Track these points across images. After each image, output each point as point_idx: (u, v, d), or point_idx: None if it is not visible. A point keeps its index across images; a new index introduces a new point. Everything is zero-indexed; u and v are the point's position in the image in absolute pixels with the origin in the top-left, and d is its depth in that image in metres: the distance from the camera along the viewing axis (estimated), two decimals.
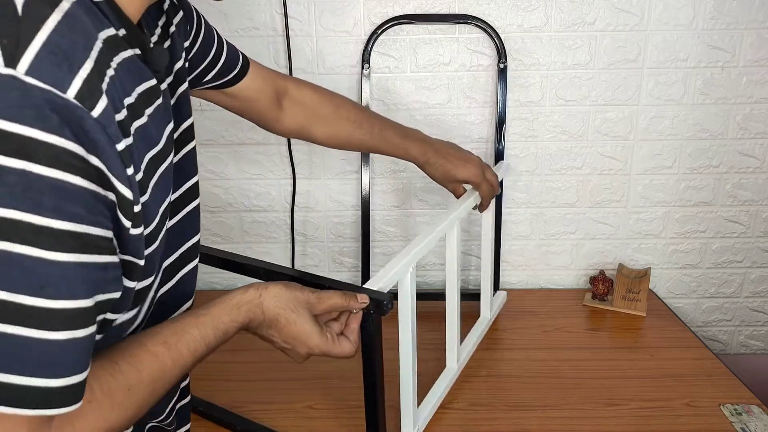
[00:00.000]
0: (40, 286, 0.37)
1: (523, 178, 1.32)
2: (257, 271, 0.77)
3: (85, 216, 0.39)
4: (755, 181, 1.31)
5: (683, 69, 1.24)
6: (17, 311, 0.36)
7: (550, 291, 1.36)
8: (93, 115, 0.38)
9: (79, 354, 0.40)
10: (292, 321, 0.62)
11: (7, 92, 0.34)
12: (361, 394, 0.75)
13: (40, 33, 0.36)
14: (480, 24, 1.20)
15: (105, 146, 0.39)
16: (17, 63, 0.35)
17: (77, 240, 0.38)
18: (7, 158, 0.35)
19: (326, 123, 0.92)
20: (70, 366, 0.40)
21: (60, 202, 0.37)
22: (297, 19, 1.22)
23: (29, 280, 0.37)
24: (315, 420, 0.93)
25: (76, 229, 0.38)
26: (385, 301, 0.67)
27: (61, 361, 0.39)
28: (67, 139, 0.37)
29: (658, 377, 1.03)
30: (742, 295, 1.40)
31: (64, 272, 0.38)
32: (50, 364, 0.38)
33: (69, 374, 0.40)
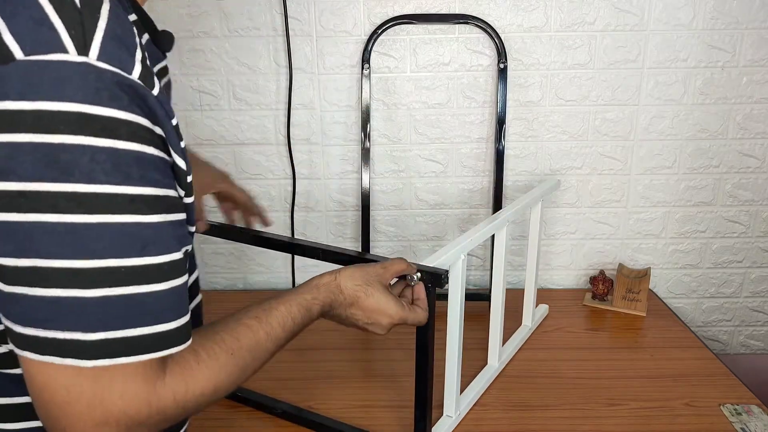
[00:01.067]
0: (142, 246, 0.42)
1: (522, 178, 1.32)
2: (315, 252, 0.84)
3: (162, 180, 0.44)
4: (755, 181, 1.31)
5: (683, 69, 1.24)
6: (128, 273, 0.41)
7: (550, 291, 1.36)
8: (153, 93, 0.42)
9: (182, 298, 0.46)
10: (370, 294, 0.67)
11: (85, 78, 0.38)
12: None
13: (100, 21, 0.39)
14: (480, 24, 1.20)
15: (164, 120, 0.43)
16: (89, 50, 0.38)
17: (162, 202, 0.43)
18: (95, 138, 0.38)
19: None
20: (176, 310, 0.45)
21: (143, 171, 0.41)
22: (297, 19, 1.22)
23: (133, 244, 0.41)
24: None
25: (159, 192, 0.43)
26: (443, 275, 0.73)
27: (169, 307, 0.44)
28: (138, 115, 0.41)
29: (658, 377, 1.03)
30: (742, 295, 1.40)
31: (158, 231, 0.43)
32: (162, 311, 0.44)
33: (177, 317, 0.45)
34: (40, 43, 0.37)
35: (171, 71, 1.33)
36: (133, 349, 0.42)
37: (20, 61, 0.36)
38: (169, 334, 0.44)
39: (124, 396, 0.43)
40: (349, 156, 1.30)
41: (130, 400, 0.43)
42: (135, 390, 0.43)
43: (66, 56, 0.37)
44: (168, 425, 0.48)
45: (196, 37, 1.23)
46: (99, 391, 0.42)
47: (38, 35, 0.37)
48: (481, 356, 1.05)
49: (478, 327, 1.14)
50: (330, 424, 0.90)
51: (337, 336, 1.17)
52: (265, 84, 1.26)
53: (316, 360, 1.09)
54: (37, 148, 0.37)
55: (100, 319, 0.40)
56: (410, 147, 1.30)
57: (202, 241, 1.37)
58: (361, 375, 1.05)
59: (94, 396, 0.41)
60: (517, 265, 1.39)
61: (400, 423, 0.90)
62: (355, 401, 0.95)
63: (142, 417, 0.44)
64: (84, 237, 0.39)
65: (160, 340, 0.44)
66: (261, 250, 1.38)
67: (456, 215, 1.35)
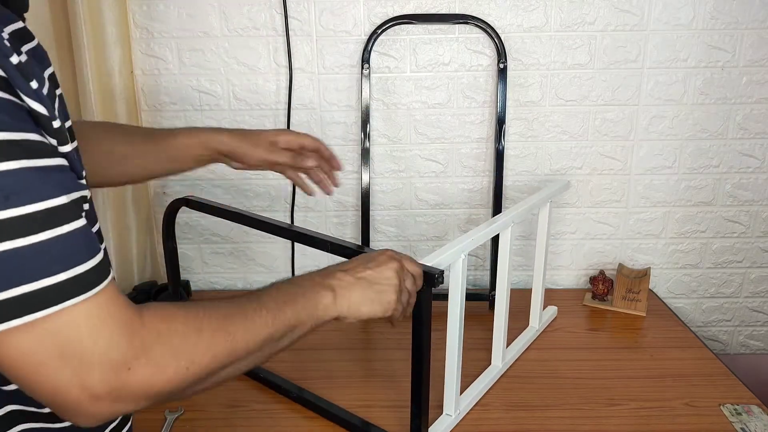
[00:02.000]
0: (4, 197, 0.38)
1: (522, 178, 1.32)
2: (324, 245, 0.87)
3: (12, 123, 0.39)
4: (755, 181, 1.31)
5: (683, 69, 1.24)
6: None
7: (551, 291, 1.36)
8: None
9: (78, 245, 0.42)
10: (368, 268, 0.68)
11: None
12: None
13: None
14: (480, 24, 1.20)
15: (3, 60, 0.39)
16: None
17: (17, 147, 0.39)
18: None
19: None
20: (70, 259, 0.41)
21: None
22: (297, 19, 1.22)
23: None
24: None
25: (11, 137, 0.38)
26: (437, 275, 0.73)
27: (61, 256, 0.40)
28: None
29: (658, 377, 1.03)
30: (742, 295, 1.40)
31: (21, 179, 0.38)
32: (51, 262, 0.40)
33: (74, 265, 0.41)
34: None
35: (171, 71, 1.34)
36: (29, 307, 0.39)
37: None
38: (65, 284, 0.41)
39: (96, 338, 0.42)
40: (349, 156, 1.30)
41: (106, 342, 0.42)
42: (107, 331, 0.42)
43: None
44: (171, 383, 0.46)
45: (196, 37, 1.23)
46: (64, 340, 0.40)
47: None
48: (486, 356, 1.05)
49: (478, 327, 1.14)
50: (344, 416, 0.91)
51: (337, 336, 1.17)
52: (265, 84, 1.26)
53: (316, 360, 1.09)
54: None
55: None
56: (410, 147, 1.30)
57: (202, 240, 1.37)
58: (361, 375, 1.05)
59: (62, 347, 0.40)
60: (517, 265, 1.39)
61: (399, 423, 0.90)
62: (355, 401, 0.95)
63: (126, 361, 0.43)
64: None
65: (56, 292, 0.40)
66: (261, 251, 1.38)
67: (456, 215, 1.35)
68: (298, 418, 0.93)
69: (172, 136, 0.84)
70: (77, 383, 0.41)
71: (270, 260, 1.39)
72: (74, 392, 0.41)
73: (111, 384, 0.42)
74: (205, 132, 0.85)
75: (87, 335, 0.41)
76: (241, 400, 0.97)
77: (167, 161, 0.83)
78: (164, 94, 1.26)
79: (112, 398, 0.43)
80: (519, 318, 1.16)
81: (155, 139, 0.83)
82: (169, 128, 0.86)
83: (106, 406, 0.43)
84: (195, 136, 0.84)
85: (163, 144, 0.83)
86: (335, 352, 1.12)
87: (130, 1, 1.20)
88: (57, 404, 0.42)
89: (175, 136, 0.84)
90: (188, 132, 0.85)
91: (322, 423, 0.92)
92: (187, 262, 1.39)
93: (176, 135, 0.84)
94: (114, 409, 0.44)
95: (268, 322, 0.55)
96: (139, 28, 1.22)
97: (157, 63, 1.24)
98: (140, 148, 0.82)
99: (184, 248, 1.38)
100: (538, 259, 1.13)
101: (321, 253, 1.38)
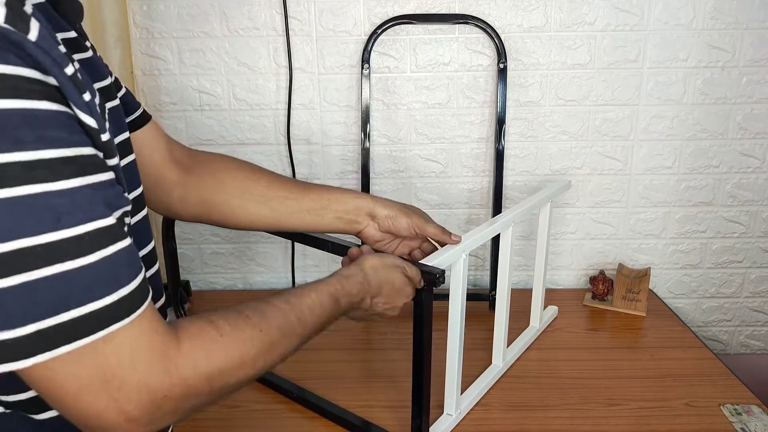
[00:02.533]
0: (56, 218, 0.36)
1: (522, 178, 1.32)
2: (325, 245, 0.87)
3: (69, 138, 0.38)
4: (755, 181, 1.31)
5: (683, 69, 1.24)
6: (46, 250, 0.36)
7: (551, 291, 1.36)
8: (30, 38, 0.36)
9: (122, 266, 0.41)
10: (394, 278, 0.71)
11: None
12: None
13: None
14: (480, 24, 1.20)
15: (53, 68, 0.37)
16: None
17: (73, 164, 0.38)
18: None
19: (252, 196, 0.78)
20: (114, 281, 0.40)
21: (39, 131, 0.36)
22: (297, 19, 1.22)
23: (44, 218, 0.36)
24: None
25: (67, 153, 0.37)
26: (438, 275, 0.74)
27: (107, 279, 0.39)
28: (15, 65, 0.35)
29: (658, 377, 1.03)
30: (742, 295, 1.40)
31: (74, 198, 0.37)
32: (97, 285, 0.39)
33: (116, 289, 0.40)
34: None
35: (171, 71, 1.34)
36: (76, 333, 0.38)
37: None
38: (111, 308, 0.40)
39: (135, 364, 0.41)
40: (349, 156, 1.30)
41: (145, 368, 0.42)
42: (146, 357, 0.42)
43: None
44: (199, 402, 0.46)
45: (196, 37, 1.23)
46: (106, 365, 0.40)
47: None
48: (485, 356, 1.05)
49: (479, 327, 1.14)
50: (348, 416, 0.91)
51: (337, 336, 1.17)
52: (265, 84, 1.26)
53: (316, 360, 1.09)
54: None
55: (24, 311, 0.36)
56: (410, 147, 1.30)
57: (202, 240, 1.37)
58: (362, 375, 1.05)
59: (104, 371, 0.40)
60: (517, 265, 1.39)
61: (400, 423, 0.90)
62: (355, 401, 0.95)
63: (163, 388, 0.43)
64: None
65: (102, 317, 0.39)
66: (261, 250, 1.38)
67: (456, 215, 1.35)
68: (298, 418, 0.93)
69: (326, 189, 0.82)
70: (115, 408, 0.41)
71: (270, 260, 1.39)
72: (112, 416, 0.41)
73: (147, 408, 0.43)
74: (363, 198, 0.82)
75: (128, 360, 0.41)
76: (241, 400, 0.97)
77: (307, 211, 0.79)
78: (164, 94, 1.26)
79: (146, 420, 0.43)
80: (519, 318, 1.16)
81: (303, 187, 0.81)
82: (325, 185, 0.84)
83: (140, 427, 0.43)
84: (355, 198, 0.82)
85: (312, 194, 0.80)
86: (335, 352, 1.12)
87: (130, 1, 1.20)
88: (91, 426, 0.42)
89: (329, 190, 0.82)
90: (346, 191, 0.83)
91: (322, 423, 0.92)
92: (187, 262, 1.39)
93: (331, 190, 0.82)
94: (147, 429, 0.44)
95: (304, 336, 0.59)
96: (139, 28, 1.22)
97: (157, 63, 1.24)
98: (280, 192, 0.78)
99: (184, 248, 1.38)
100: (539, 259, 1.13)
101: (321, 253, 1.39)
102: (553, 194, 1.09)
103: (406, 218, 0.81)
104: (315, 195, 0.80)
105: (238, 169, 0.79)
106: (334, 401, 0.94)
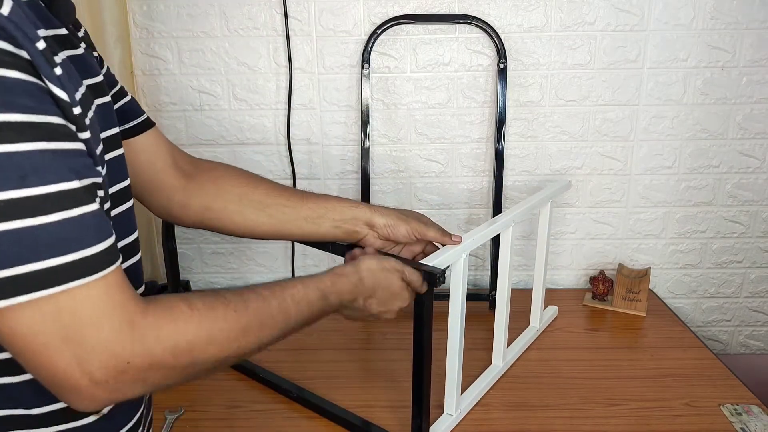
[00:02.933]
0: (20, 177, 0.39)
1: (522, 178, 1.32)
2: (325, 245, 0.86)
3: (36, 106, 0.40)
4: (755, 181, 1.31)
5: (683, 69, 1.24)
6: (9, 206, 0.38)
7: (551, 291, 1.36)
8: (2, 13, 0.38)
9: (87, 229, 0.43)
10: (390, 283, 0.71)
11: None
12: None
13: None
14: (480, 24, 1.20)
15: (24, 42, 0.40)
16: None
17: (38, 129, 0.40)
18: None
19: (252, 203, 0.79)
20: (77, 241, 0.42)
21: (5, 96, 0.38)
22: (297, 19, 1.21)
23: (8, 174, 0.38)
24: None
25: (33, 119, 0.40)
26: (438, 274, 0.74)
27: (69, 238, 0.41)
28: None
29: (658, 377, 1.03)
30: (742, 295, 1.40)
31: (38, 160, 0.40)
32: (59, 242, 0.41)
33: (81, 247, 0.42)
34: None
35: (171, 71, 1.33)
36: (33, 285, 0.40)
37: None
38: (72, 265, 0.41)
39: (98, 325, 0.42)
40: (349, 156, 1.30)
41: (108, 330, 0.43)
42: (110, 319, 0.43)
43: None
44: (165, 376, 0.47)
45: (196, 37, 1.23)
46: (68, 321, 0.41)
47: None
48: (485, 357, 1.05)
49: (479, 327, 1.14)
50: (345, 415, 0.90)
51: (337, 336, 1.17)
52: (265, 84, 1.26)
53: (316, 360, 1.09)
54: None
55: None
56: (410, 147, 1.30)
57: (202, 240, 1.37)
58: (361, 375, 1.05)
59: (65, 327, 0.41)
60: (517, 265, 1.39)
61: (400, 423, 0.90)
62: (355, 401, 0.95)
63: (126, 354, 0.43)
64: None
65: (63, 273, 0.41)
66: (261, 250, 1.38)
67: (456, 215, 1.35)
68: (299, 418, 0.93)
69: (323, 198, 0.82)
70: (78, 367, 0.42)
71: (270, 260, 1.39)
72: (75, 375, 0.42)
73: (110, 373, 0.43)
74: (360, 207, 0.82)
75: (91, 321, 0.42)
76: (241, 400, 0.97)
77: (304, 220, 0.80)
78: (164, 94, 1.26)
79: (110, 386, 0.44)
80: (518, 318, 1.16)
81: (301, 196, 0.81)
82: (322, 194, 0.85)
83: (105, 393, 0.44)
84: (351, 208, 0.82)
85: (309, 202, 0.80)
86: (335, 352, 1.12)
87: (130, 1, 1.20)
88: (56, 385, 0.43)
89: (327, 199, 0.82)
90: (344, 200, 0.83)
91: (322, 423, 0.92)
92: (187, 262, 1.39)
93: (329, 199, 0.82)
94: (112, 396, 0.45)
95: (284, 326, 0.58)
96: (139, 28, 1.22)
97: (157, 63, 1.24)
98: (278, 200, 0.80)
99: (184, 248, 1.38)
100: (539, 259, 1.13)
101: (321, 253, 1.39)
102: (554, 194, 1.09)
103: (405, 225, 0.82)
104: (313, 204, 0.81)
105: (238, 177, 0.80)
106: (334, 401, 0.94)
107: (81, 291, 0.42)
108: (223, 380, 1.02)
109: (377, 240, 0.83)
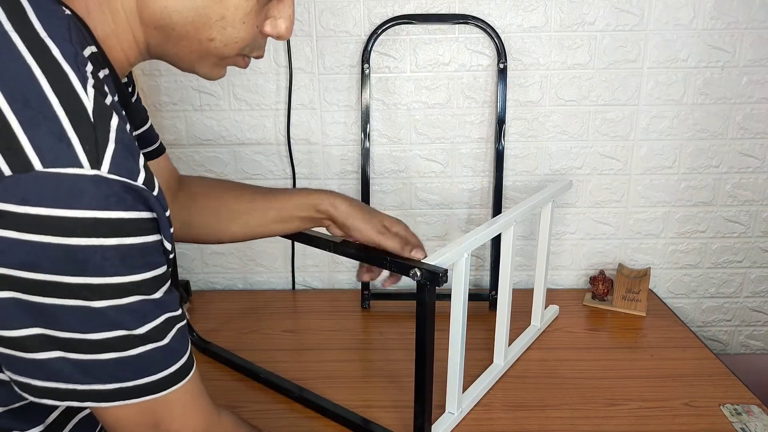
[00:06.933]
0: (144, 317, 0.49)
1: (522, 178, 1.32)
2: (326, 245, 0.86)
3: (162, 260, 0.50)
4: (755, 181, 1.32)
5: (683, 69, 1.24)
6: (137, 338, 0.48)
7: (550, 291, 1.36)
8: (154, 194, 0.48)
9: (180, 340, 0.52)
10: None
11: (97, 188, 0.43)
12: None
13: (111, 134, 0.44)
14: (480, 24, 1.20)
15: (161, 215, 0.49)
16: (101, 164, 0.43)
17: (160, 280, 0.49)
18: (105, 239, 0.44)
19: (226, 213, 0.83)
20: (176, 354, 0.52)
21: (147, 258, 0.48)
22: (297, 19, 1.21)
23: (138, 318, 0.48)
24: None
25: (159, 272, 0.49)
26: (441, 273, 0.73)
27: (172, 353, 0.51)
28: (141, 211, 0.46)
29: (658, 377, 1.03)
30: (742, 295, 1.40)
31: (158, 302, 0.50)
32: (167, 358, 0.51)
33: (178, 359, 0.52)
34: (58, 158, 0.41)
35: (171, 71, 1.34)
36: (145, 392, 0.50)
37: (39, 172, 0.41)
38: (173, 374, 0.51)
39: (186, 418, 0.53)
40: (349, 156, 1.30)
41: (194, 423, 0.54)
42: (195, 414, 0.54)
43: (80, 170, 0.42)
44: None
45: None
46: (160, 415, 0.52)
47: (57, 151, 0.41)
48: (486, 356, 1.05)
49: (479, 327, 1.14)
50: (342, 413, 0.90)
51: (338, 336, 1.17)
52: (265, 84, 1.26)
53: (316, 360, 1.09)
54: (58, 248, 0.42)
55: (111, 374, 0.48)
56: (410, 147, 1.30)
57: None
58: (362, 375, 1.05)
59: (157, 420, 0.52)
60: (517, 265, 1.39)
61: (401, 423, 0.90)
62: (355, 401, 0.95)
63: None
64: (99, 316, 0.46)
65: (167, 382, 0.51)
66: (261, 250, 1.38)
67: (456, 215, 1.35)
68: (299, 417, 0.93)
69: (286, 195, 0.83)
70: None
71: (270, 260, 1.39)
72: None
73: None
74: (320, 193, 0.82)
75: (178, 417, 0.53)
76: (241, 400, 0.97)
77: (272, 221, 0.82)
78: (164, 94, 1.26)
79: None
80: (518, 318, 1.16)
81: (267, 197, 0.83)
82: (287, 188, 0.86)
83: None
84: (308, 196, 0.82)
85: (274, 202, 0.82)
86: (335, 352, 1.12)
87: None
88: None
89: (289, 195, 0.83)
90: (303, 192, 0.83)
91: (322, 423, 0.92)
92: (187, 262, 1.39)
93: (291, 195, 0.83)
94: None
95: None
96: None
97: (157, 63, 1.24)
98: (248, 205, 0.82)
99: (184, 248, 1.38)
100: (540, 258, 1.13)
101: (321, 253, 1.39)
102: (555, 194, 1.09)
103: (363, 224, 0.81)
104: (278, 204, 0.82)
105: (212, 188, 0.84)
106: (334, 401, 0.95)
107: (173, 393, 0.52)
108: (223, 380, 1.03)
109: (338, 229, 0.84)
